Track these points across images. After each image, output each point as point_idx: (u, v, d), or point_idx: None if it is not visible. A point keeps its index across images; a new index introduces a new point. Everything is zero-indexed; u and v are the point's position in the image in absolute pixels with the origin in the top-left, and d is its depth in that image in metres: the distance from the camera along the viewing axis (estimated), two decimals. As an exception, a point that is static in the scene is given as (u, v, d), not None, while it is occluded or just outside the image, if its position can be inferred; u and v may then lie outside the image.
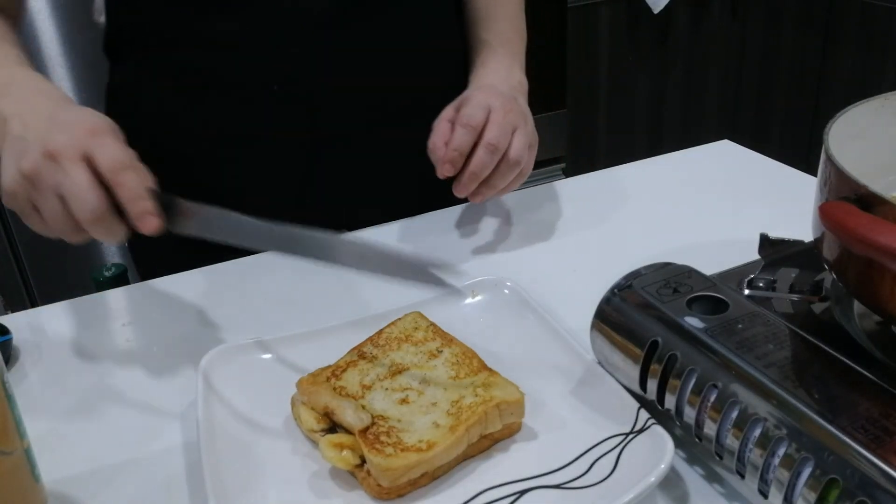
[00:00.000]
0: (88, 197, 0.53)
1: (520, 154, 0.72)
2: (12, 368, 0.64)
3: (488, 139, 0.70)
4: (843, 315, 0.52)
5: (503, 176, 0.72)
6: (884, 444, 0.39)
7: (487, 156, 0.70)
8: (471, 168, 0.70)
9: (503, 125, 0.71)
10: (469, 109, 0.71)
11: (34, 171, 0.54)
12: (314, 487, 0.49)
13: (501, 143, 0.70)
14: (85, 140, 0.55)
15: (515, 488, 0.48)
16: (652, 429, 0.48)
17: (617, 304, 0.54)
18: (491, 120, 0.71)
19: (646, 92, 2.51)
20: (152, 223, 0.54)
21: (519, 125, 0.73)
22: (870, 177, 0.44)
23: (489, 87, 0.76)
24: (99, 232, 0.55)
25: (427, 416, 0.52)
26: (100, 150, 0.55)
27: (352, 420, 0.50)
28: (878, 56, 2.10)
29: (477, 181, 0.71)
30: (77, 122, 0.56)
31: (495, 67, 0.82)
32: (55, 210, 0.55)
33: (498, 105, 0.72)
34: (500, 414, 0.51)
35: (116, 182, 0.54)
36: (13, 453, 0.45)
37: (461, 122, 0.70)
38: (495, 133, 0.70)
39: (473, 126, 0.70)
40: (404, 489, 0.48)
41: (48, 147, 0.54)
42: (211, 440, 0.51)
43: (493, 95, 0.73)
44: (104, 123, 0.58)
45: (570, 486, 0.48)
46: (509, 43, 0.85)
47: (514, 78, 0.81)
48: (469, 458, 0.51)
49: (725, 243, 0.74)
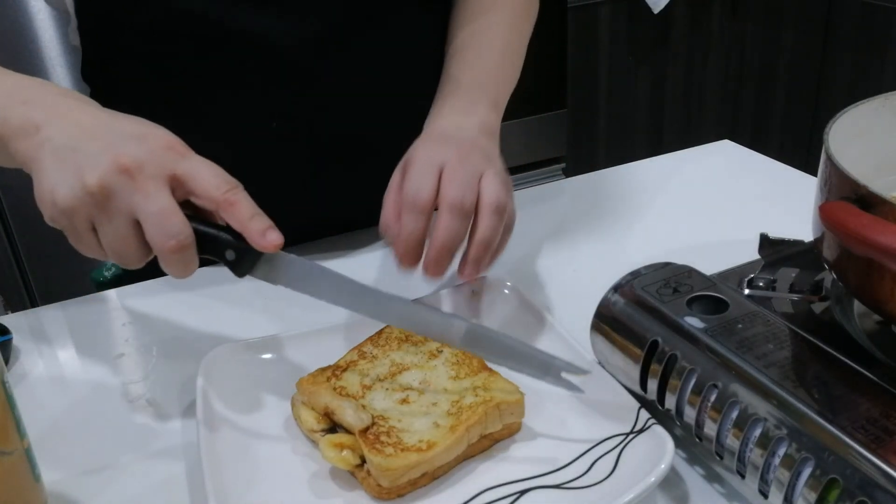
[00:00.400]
0: (175, 223, 0.48)
1: (497, 197, 0.58)
2: (12, 368, 0.64)
3: (449, 200, 0.56)
4: (844, 315, 0.52)
5: (489, 229, 0.57)
6: (884, 445, 0.39)
7: (455, 220, 0.56)
8: (436, 244, 0.56)
9: (463, 177, 0.58)
10: (413, 180, 0.58)
11: (105, 188, 0.47)
12: (314, 487, 0.49)
13: (467, 199, 0.57)
14: (165, 156, 0.49)
15: (515, 488, 0.48)
16: (652, 429, 0.48)
17: (617, 304, 0.54)
18: (446, 178, 0.58)
19: (646, 92, 2.51)
20: (277, 237, 0.50)
21: (484, 169, 0.59)
22: (870, 177, 0.44)
23: (438, 137, 0.64)
24: (174, 262, 0.49)
25: (427, 416, 0.51)
26: (195, 171, 0.49)
27: (352, 420, 0.50)
28: (877, 56, 2.10)
29: (450, 255, 0.57)
30: (148, 135, 0.50)
31: (452, 106, 0.69)
32: (123, 234, 0.49)
33: (450, 156, 0.59)
34: (501, 414, 0.51)
35: (229, 202, 0.49)
36: (13, 453, 0.45)
37: (406, 204, 0.57)
38: (455, 191, 0.57)
39: (421, 206, 0.57)
40: (404, 489, 0.48)
41: (122, 161, 0.47)
42: (211, 440, 0.51)
43: (443, 146, 0.61)
44: (177, 138, 0.51)
45: (571, 485, 0.48)
46: (480, 78, 0.72)
47: (474, 117, 0.67)
48: (469, 458, 0.51)
49: (725, 243, 0.74)
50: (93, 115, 0.51)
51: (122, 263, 0.50)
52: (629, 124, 2.54)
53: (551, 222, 0.82)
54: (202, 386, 0.55)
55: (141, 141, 0.49)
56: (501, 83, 0.73)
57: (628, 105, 2.50)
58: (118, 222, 0.48)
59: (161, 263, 0.50)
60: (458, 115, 0.67)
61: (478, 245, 0.57)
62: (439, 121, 0.67)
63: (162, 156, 0.49)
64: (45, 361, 0.65)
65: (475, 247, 0.57)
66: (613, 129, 2.52)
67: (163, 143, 0.50)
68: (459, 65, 0.73)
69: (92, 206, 0.48)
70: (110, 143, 0.49)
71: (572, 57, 2.32)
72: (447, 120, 0.67)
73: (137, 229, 0.49)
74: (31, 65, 1.62)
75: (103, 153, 0.48)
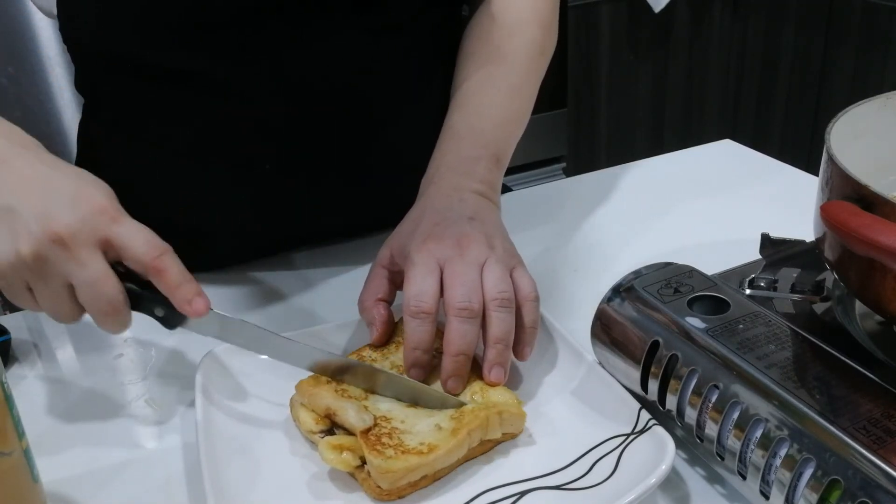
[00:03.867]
0: (108, 290, 0.49)
1: (500, 289, 0.55)
2: (11, 369, 0.64)
3: (457, 306, 0.53)
4: (845, 315, 0.51)
5: (501, 323, 0.54)
6: (885, 445, 0.39)
7: (464, 325, 0.53)
8: (452, 352, 0.53)
9: (465, 276, 0.55)
10: (414, 285, 0.55)
11: (39, 258, 0.48)
12: (313, 489, 0.49)
13: (473, 301, 0.54)
14: (98, 221, 0.49)
15: (516, 489, 0.48)
16: (653, 429, 0.48)
17: (618, 304, 0.54)
18: (448, 280, 0.55)
19: (647, 91, 2.51)
20: (202, 305, 0.51)
21: (485, 257, 0.56)
22: (871, 176, 0.44)
23: (435, 223, 0.59)
24: (108, 323, 0.51)
25: (429, 418, 0.51)
26: (126, 237, 0.50)
27: (354, 421, 0.50)
28: (879, 55, 2.09)
29: (467, 361, 0.54)
30: (80, 197, 0.50)
31: (450, 166, 0.65)
32: (58, 297, 0.50)
33: (449, 253, 0.56)
34: (502, 422, 0.51)
35: (157, 268, 0.50)
36: (12, 454, 0.45)
37: (409, 311, 0.54)
38: (461, 295, 0.54)
39: (426, 310, 0.54)
40: (405, 490, 0.48)
41: (55, 230, 0.48)
42: (210, 441, 0.50)
43: (440, 241, 0.57)
44: (109, 196, 0.51)
45: (571, 487, 0.48)
46: (482, 132, 0.68)
47: (472, 179, 0.64)
48: (470, 460, 0.51)
49: (726, 243, 0.74)
50: (31, 166, 0.51)
51: (58, 320, 0.52)
52: (629, 124, 2.54)
53: (551, 222, 0.82)
54: (201, 386, 0.55)
55: (74, 205, 0.49)
56: (505, 137, 0.69)
57: (629, 104, 2.50)
58: (53, 287, 0.49)
59: (95, 322, 0.51)
60: (456, 177, 0.64)
61: (495, 345, 0.54)
62: (433, 186, 0.64)
63: (94, 221, 0.49)
64: (43, 362, 0.65)
65: (492, 349, 0.54)
66: (613, 128, 2.52)
67: (96, 206, 0.50)
68: (461, 116, 0.69)
69: (27, 271, 0.49)
70: (45, 207, 0.49)
71: (573, 56, 2.32)
72: (445, 183, 0.64)
73: (72, 292, 0.50)
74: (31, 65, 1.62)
75: (37, 220, 0.48)
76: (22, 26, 1.61)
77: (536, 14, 0.74)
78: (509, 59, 0.72)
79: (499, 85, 0.71)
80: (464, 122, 0.69)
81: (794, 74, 2.36)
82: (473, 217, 0.60)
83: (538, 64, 0.74)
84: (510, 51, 0.73)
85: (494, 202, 0.65)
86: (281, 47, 0.67)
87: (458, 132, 0.68)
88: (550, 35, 0.76)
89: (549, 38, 0.76)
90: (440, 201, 0.62)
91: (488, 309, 0.54)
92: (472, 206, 0.62)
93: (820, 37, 2.24)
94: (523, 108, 0.72)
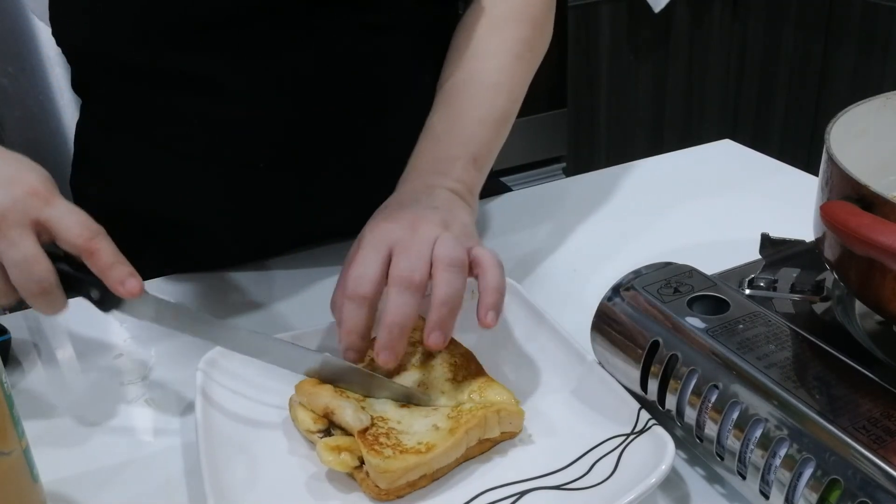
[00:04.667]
0: (38, 270, 0.49)
1: (450, 253, 0.53)
2: (10, 368, 0.64)
3: (396, 276, 0.52)
4: (845, 315, 0.51)
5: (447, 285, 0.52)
6: (885, 445, 0.39)
7: (402, 296, 0.52)
8: (385, 324, 0.51)
9: (413, 250, 0.53)
10: (355, 267, 0.54)
11: None
12: (312, 488, 0.49)
13: (416, 272, 0.52)
14: (30, 203, 0.50)
15: (515, 489, 0.48)
16: (653, 429, 0.48)
17: (617, 304, 0.54)
18: (394, 257, 0.54)
19: (646, 91, 2.51)
20: (135, 286, 0.51)
21: (437, 234, 0.55)
22: (871, 176, 0.44)
23: (394, 209, 0.59)
24: (41, 304, 0.51)
25: (427, 418, 0.51)
26: (57, 219, 0.50)
27: (351, 420, 0.50)
28: (879, 55, 2.09)
29: (402, 335, 0.52)
30: (15, 180, 0.51)
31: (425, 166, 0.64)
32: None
33: (400, 233, 0.55)
34: (500, 421, 0.51)
35: (89, 250, 0.50)
36: (11, 454, 0.45)
37: (347, 293, 0.53)
38: (402, 266, 0.52)
39: (362, 295, 0.52)
40: (403, 490, 0.48)
41: None
42: (210, 441, 0.50)
43: (394, 222, 0.56)
44: (44, 180, 0.52)
45: (570, 487, 0.48)
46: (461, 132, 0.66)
47: (447, 177, 0.63)
48: (469, 460, 0.51)
49: (726, 243, 0.74)
50: None
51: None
52: (629, 124, 2.54)
53: (551, 222, 0.82)
54: (201, 386, 0.55)
55: (8, 187, 0.50)
56: (486, 137, 0.67)
57: (628, 105, 2.50)
58: None
59: (28, 303, 0.51)
60: (431, 176, 0.63)
61: (438, 308, 0.51)
62: (407, 184, 0.63)
63: (26, 202, 0.50)
64: (43, 361, 0.65)
65: (434, 311, 0.52)
66: (613, 129, 2.51)
67: (28, 188, 0.51)
68: (441, 116, 0.68)
69: None
70: None
71: (573, 56, 2.32)
72: (417, 182, 0.63)
73: (3, 272, 0.50)
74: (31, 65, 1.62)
75: None
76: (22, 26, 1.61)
77: (527, 11, 0.73)
78: (495, 57, 0.70)
79: (482, 83, 0.69)
80: (442, 122, 0.67)
81: (794, 74, 2.36)
82: (437, 207, 0.59)
83: (526, 63, 0.72)
84: (496, 48, 0.71)
85: (468, 202, 0.63)
86: (274, 48, 0.67)
87: (436, 133, 0.67)
88: (542, 33, 0.74)
89: (539, 36, 0.74)
90: (408, 196, 0.61)
91: (435, 271, 0.52)
92: (439, 199, 0.60)
93: (820, 37, 2.24)
94: (507, 107, 0.70)
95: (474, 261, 0.55)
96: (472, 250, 0.55)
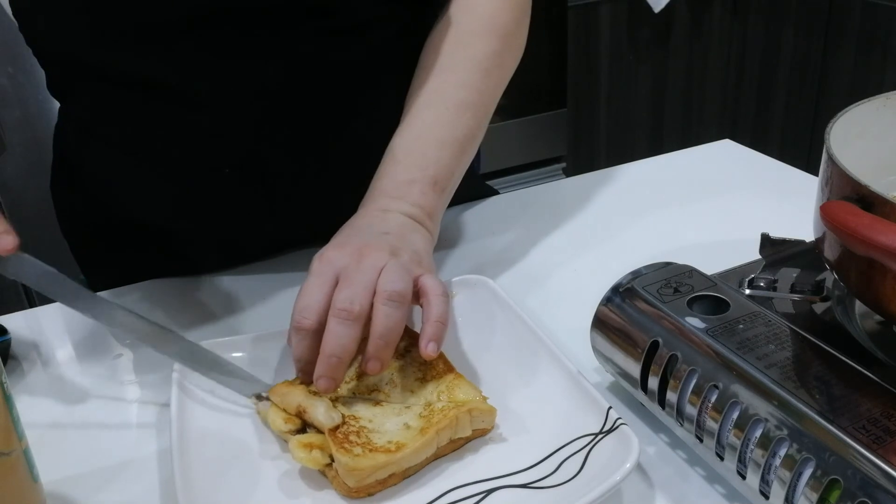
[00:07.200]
0: None
1: (391, 285, 0.53)
2: (10, 369, 0.64)
3: (336, 306, 0.52)
4: (845, 315, 0.51)
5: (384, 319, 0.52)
6: (885, 445, 0.39)
7: (340, 327, 0.51)
8: (322, 355, 0.51)
9: (355, 280, 0.53)
10: (302, 298, 0.54)
11: None
12: (284, 486, 0.50)
13: (356, 303, 0.52)
14: None
15: (482, 487, 0.48)
16: (620, 429, 0.48)
17: (617, 304, 0.54)
18: (339, 284, 0.54)
19: (646, 91, 2.51)
20: (9, 241, 0.51)
21: (384, 263, 0.55)
22: (871, 176, 0.44)
23: (346, 236, 0.59)
24: None
25: (399, 417, 0.52)
26: None
27: (323, 418, 0.50)
28: (878, 55, 2.10)
29: (341, 365, 0.51)
30: None
31: (383, 189, 0.64)
32: None
33: (347, 259, 0.55)
34: (472, 420, 0.51)
35: None
36: (11, 454, 0.45)
37: (293, 324, 0.53)
38: (343, 295, 0.53)
39: (305, 327, 0.53)
40: (374, 488, 0.48)
41: None
42: (182, 439, 0.51)
43: (342, 250, 0.56)
44: None
45: (537, 485, 0.48)
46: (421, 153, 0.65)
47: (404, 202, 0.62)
48: (440, 458, 0.51)
49: (726, 243, 0.74)
50: None
51: None
52: (629, 124, 2.54)
53: (551, 222, 0.82)
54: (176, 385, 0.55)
55: None
56: (448, 158, 0.66)
57: (628, 105, 2.50)
58: None
59: None
60: (387, 200, 0.63)
61: (374, 340, 0.52)
62: (365, 207, 0.63)
63: None
64: (43, 362, 0.65)
65: (371, 344, 0.52)
66: (613, 129, 2.52)
67: None
68: (403, 138, 0.67)
69: None
70: None
71: (572, 57, 2.32)
72: (373, 205, 0.63)
73: None
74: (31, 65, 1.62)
75: None
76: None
77: (496, 24, 0.71)
78: (461, 73, 0.69)
79: (446, 101, 0.68)
80: (404, 143, 0.66)
81: (794, 74, 2.36)
82: (388, 232, 0.59)
83: (496, 77, 0.71)
84: (463, 63, 0.69)
85: (425, 226, 0.63)
86: (239, 53, 0.66)
87: (396, 155, 0.66)
88: (512, 45, 0.73)
89: (509, 50, 0.72)
90: (363, 220, 0.61)
91: (375, 303, 0.53)
92: (392, 224, 0.60)
93: (820, 37, 2.24)
94: (472, 124, 0.68)
95: (420, 290, 0.55)
96: (420, 279, 0.55)
